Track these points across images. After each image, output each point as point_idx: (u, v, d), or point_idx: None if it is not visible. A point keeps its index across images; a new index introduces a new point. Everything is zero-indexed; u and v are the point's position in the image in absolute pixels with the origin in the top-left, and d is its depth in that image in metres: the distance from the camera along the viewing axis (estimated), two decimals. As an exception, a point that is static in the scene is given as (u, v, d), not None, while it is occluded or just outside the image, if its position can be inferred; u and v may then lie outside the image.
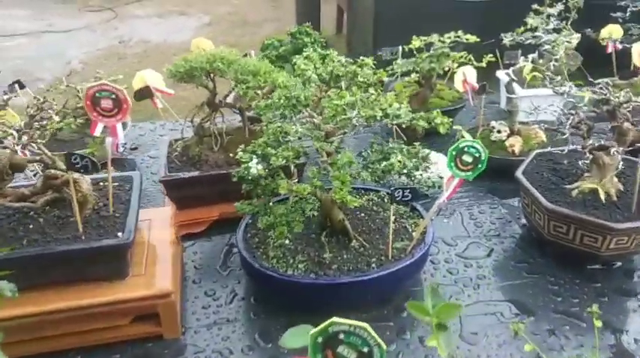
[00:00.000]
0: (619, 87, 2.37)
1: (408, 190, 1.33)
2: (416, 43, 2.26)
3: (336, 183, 1.15)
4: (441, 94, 2.42)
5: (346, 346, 0.69)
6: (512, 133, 2.10)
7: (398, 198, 1.33)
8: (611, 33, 2.42)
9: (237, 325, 1.34)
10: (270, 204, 1.29)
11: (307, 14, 6.23)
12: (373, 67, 1.35)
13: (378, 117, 1.20)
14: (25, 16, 7.42)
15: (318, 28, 6.40)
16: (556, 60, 1.88)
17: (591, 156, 1.47)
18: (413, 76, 2.23)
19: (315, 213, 1.45)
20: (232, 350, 1.27)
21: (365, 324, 0.68)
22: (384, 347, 0.68)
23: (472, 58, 2.35)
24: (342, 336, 0.70)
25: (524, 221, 1.71)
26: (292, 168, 1.40)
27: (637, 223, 1.41)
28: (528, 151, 1.90)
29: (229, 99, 1.81)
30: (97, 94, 1.21)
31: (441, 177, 1.64)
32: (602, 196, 1.46)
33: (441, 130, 1.86)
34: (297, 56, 1.41)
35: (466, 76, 2.14)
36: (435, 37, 2.31)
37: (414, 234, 1.42)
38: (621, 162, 1.50)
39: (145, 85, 1.82)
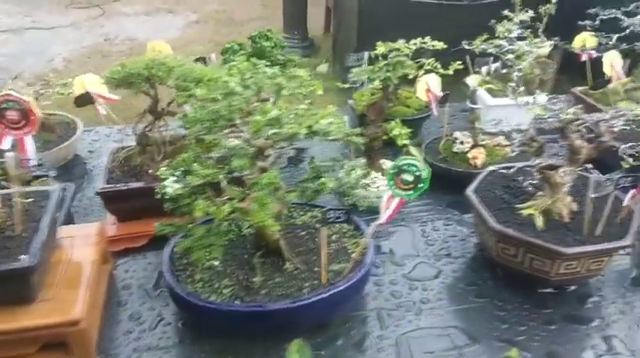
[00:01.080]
0: (592, 96, 2.30)
1: (342, 211, 1.25)
2: (381, 49, 2.18)
3: (253, 206, 1.07)
4: (407, 102, 2.34)
5: None
6: (475, 145, 2.02)
7: (330, 220, 1.25)
8: (585, 41, 2.34)
9: (159, 353, 1.26)
10: (191, 225, 1.20)
11: (294, 14, 6.15)
12: (308, 78, 1.27)
13: (302, 136, 1.12)
14: (9, 12, 7.33)
15: (305, 28, 6.34)
16: (519, 69, 1.80)
17: (541, 176, 1.39)
18: (376, 83, 2.15)
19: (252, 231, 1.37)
20: (150, 379, 1.20)
21: None
22: None
23: (438, 66, 2.28)
24: None
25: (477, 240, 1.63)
26: (224, 183, 1.32)
27: (587, 248, 1.33)
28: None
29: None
30: (2, 105, 1.13)
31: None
32: (539, 222, 1.38)
33: (399, 142, 1.81)
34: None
35: (429, 84, 2.06)
36: (400, 44, 2.23)
37: (352, 255, 1.33)
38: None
39: (85, 90, 1.74)
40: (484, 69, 2.07)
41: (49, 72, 4.77)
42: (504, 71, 2.02)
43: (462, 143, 2.03)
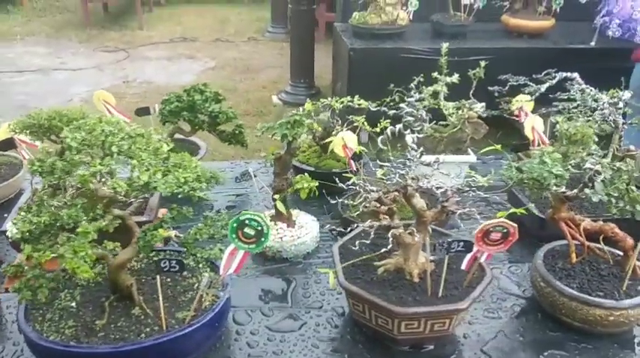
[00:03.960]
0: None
1: (175, 260, 1.32)
2: (308, 106, 2.29)
3: (68, 254, 1.16)
4: (338, 156, 2.41)
5: None
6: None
7: (165, 269, 1.33)
8: (522, 104, 2.38)
9: (5, 385, 1.35)
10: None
11: (301, 64, 6.37)
12: (157, 140, 1.37)
13: (122, 190, 1.21)
14: (41, 54, 7.82)
15: (312, 77, 6.55)
16: (413, 131, 1.85)
17: (391, 236, 1.43)
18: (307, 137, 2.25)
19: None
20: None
21: None
22: None
23: (365, 123, 2.36)
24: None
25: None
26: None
27: (422, 308, 1.36)
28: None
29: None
30: None
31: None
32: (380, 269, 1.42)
33: (302, 196, 1.88)
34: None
35: (345, 141, 2.14)
36: (330, 100, 2.34)
37: (192, 305, 1.40)
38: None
39: (8, 136, 1.89)
40: (388, 130, 2.13)
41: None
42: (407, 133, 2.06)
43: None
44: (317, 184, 1.87)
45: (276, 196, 1.89)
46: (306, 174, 1.94)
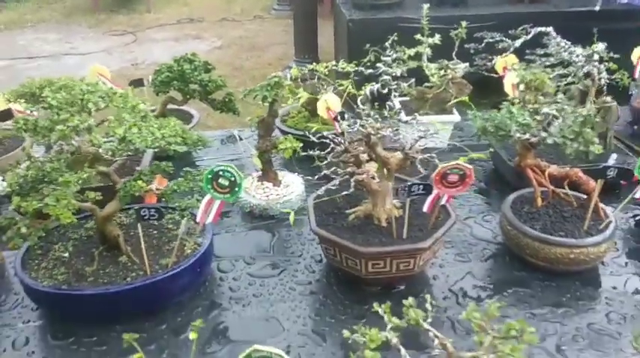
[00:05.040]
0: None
1: (155, 209, 1.43)
2: (294, 72, 2.38)
3: (51, 202, 1.27)
4: (325, 120, 2.49)
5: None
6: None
7: (145, 217, 1.43)
8: (507, 63, 2.42)
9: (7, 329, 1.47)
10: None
11: (304, 39, 6.41)
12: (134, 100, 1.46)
13: (99, 144, 1.31)
14: (52, 40, 7.96)
15: (316, 52, 6.59)
16: (391, 91, 1.92)
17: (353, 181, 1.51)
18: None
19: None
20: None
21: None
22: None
23: (351, 86, 2.44)
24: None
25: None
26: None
27: (386, 248, 1.44)
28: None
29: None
30: None
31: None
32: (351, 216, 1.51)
33: (286, 155, 1.98)
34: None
35: (329, 103, 2.22)
36: (314, 65, 2.42)
37: (173, 251, 1.50)
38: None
39: (6, 107, 2.00)
40: (367, 90, 2.20)
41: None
42: (385, 92, 2.13)
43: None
44: (301, 145, 1.96)
45: (253, 153, 1.98)
46: (290, 135, 2.04)
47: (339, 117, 2.19)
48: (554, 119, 1.47)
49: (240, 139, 2.30)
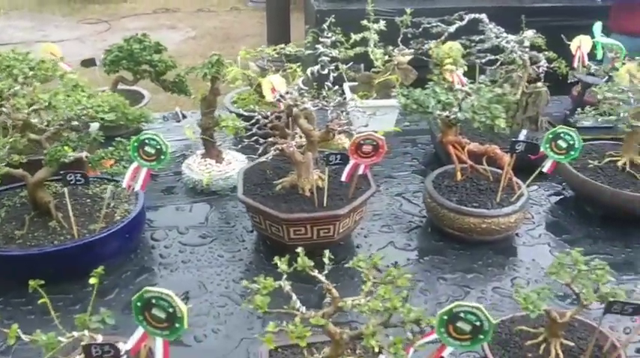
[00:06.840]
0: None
1: (80, 174, 1.49)
2: (242, 53, 2.45)
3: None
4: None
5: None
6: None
7: (71, 181, 1.49)
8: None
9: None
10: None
11: (276, 30, 6.47)
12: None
13: (23, 108, 1.37)
14: (24, 27, 7.91)
15: (288, 42, 6.63)
16: (329, 72, 2.00)
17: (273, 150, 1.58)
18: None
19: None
20: None
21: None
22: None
23: (298, 69, 2.50)
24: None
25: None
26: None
27: (305, 214, 1.52)
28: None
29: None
30: None
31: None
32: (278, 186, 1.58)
33: (227, 132, 2.04)
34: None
35: (274, 84, 2.28)
36: (267, 48, 2.49)
37: (103, 217, 1.56)
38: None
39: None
40: (308, 71, 2.27)
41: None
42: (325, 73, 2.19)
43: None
44: (244, 124, 2.03)
45: (187, 127, 2.05)
46: (233, 114, 2.10)
47: (281, 97, 2.26)
48: (467, 96, 1.55)
49: (184, 117, 2.36)
